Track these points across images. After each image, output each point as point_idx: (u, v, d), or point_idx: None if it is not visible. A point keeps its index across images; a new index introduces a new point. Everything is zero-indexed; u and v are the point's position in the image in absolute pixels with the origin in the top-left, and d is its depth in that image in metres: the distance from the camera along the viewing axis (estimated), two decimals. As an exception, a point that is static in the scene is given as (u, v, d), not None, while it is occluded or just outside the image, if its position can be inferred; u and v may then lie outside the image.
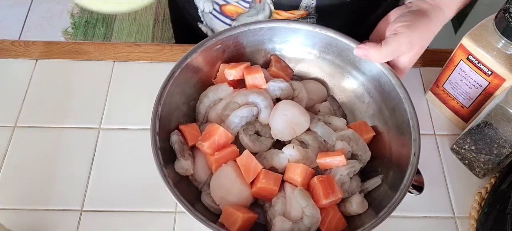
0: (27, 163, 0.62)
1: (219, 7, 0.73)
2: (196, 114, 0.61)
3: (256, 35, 0.62)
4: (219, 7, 0.74)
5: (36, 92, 0.68)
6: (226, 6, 0.73)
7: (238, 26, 0.60)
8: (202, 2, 0.75)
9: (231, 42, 0.61)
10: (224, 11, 0.74)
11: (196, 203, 0.54)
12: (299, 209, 0.53)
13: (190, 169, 0.55)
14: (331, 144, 0.58)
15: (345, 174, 0.55)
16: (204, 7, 0.76)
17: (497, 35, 0.55)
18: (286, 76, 0.63)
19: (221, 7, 0.73)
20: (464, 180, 0.62)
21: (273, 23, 0.61)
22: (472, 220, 0.59)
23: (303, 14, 0.70)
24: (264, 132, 0.60)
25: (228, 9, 0.73)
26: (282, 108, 0.58)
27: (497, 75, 0.57)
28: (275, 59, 0.64)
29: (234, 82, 0.61)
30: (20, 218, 0.58)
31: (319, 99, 0.65)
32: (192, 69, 0.59)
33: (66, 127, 0.65)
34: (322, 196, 0.52)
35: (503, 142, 0.56)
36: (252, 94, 0.59)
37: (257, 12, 0.72)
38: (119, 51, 0.73)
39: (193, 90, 0.61)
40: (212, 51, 0.60)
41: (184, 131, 0.57)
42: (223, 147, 0.55)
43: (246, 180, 0.54)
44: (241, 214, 0.51)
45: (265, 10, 0.71)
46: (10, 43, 0.73)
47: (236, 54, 0.62)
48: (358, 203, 0.54)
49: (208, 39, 0.59)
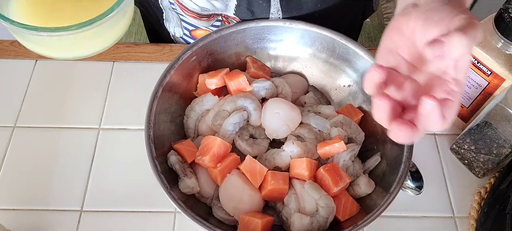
0: (26, 163, 0.62)
1: (189, 32, 0.74)
2: (186, 130, 0.61)
3: (228, 40, 0.62)
4: (189, 32, 0.74)
5: (36, 92, 0.68)
6: (196, 31, 0.73)
7: (209, 35, 0.61)
8: (173, 28, 0.76)
9: (206, 51, 0.61)
10: (194, 36, 0.75)
11: (210, 218, 0.54)
12: (312, 202, 0.53)
13: (196, 186, 0.55)
14: (327, 133, 0.58)
15: (348, 159, 0.56)
16: (175, 32, 0.76)
17: (497, 35, 0.55)
18: (266, 75, 0.63)
19: (191, 32, 0.74)
20: (463, 180, 0.63)
21: (244, 25, 0.62)
22: (472, 220, 0.59)
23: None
24: (259, 133, 0.60)
25: (198, 34, 0.73)
26: (271, 108, 0.58)
27: (497, 75, 0.57)
28: (251, 60, 0.64)
29: (216, 90, 0.61)
30: (20, 218, 0.58)
31: (302, 92, 0.66)
32: (172, 86, 0.58)
33: (65, 127, 0.65)
34: (332, 184, 0.53)
35: (503, 141, 0.56)
36: (239, 99, 0.59)
37: None
38: (119, 51, 0.73)
39: (177, 106, 0.60)
40: (188, 64, 0.60)
41: (180, 150, 0.57)
42: (223, 157, 0.55)
43: (254, 185, 0.54)
44: (260, 220, 0.51)
45: None
46: (10, 43, 0.73)
47: (212, 63, 0.63)
48: (365, 184, 0.55)
49: (182, 52, 0.59)
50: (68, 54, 0.57)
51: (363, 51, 0.59)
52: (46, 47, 0.54)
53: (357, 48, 0.60)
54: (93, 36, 0.52)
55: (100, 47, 0.56)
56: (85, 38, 0.51)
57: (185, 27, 0.74)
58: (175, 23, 0.75)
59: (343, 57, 0.62)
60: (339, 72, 0.64)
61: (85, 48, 0.55)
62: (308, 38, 0.62)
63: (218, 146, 0.54)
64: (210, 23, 0.70)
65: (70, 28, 0.48)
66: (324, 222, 0.52)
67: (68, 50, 0.55)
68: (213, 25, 0.71)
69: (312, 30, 0.61)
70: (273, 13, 0.64)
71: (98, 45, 0.55)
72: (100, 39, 0.54)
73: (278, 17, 0.65)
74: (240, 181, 0.54)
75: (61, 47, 0.54)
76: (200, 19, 0.69)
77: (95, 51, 0.56)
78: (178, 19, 0.73)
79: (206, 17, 0.69)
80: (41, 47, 0.54)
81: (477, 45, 0.57)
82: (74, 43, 0.53)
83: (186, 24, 0.73)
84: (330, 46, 0.62)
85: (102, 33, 0.53)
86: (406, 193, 0.60)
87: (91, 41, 0.54)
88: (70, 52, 0.56)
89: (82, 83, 0.69)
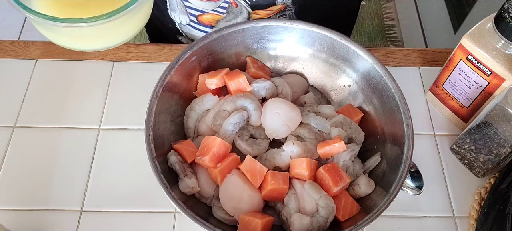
0: (26, 163, 0.62)
1: (195, 17, 0.73)
2: (186, 130, 0.61)
3: (228, 40, 0.62)
4: (196, 18, 0.74)
5: (36, 92, 0.68)
6: (202, 16, 0.73)
7: (209, 35, 0.60)
8: (178, 16, 0.75)
9: (206, 51, 0.61)
10: (201, 21, 0.74)
11: (210, 218, 0.54)
12: (312, 202, 0.53)
13: (196, 186, 0.55)
14: (327, 133, 0.58)
15: (348, 159, 0.56)
16: (181, 20, 0.76)
17: (497, 35, 0.55)
18: (266, 75, 0.64)
19: (198, 17, 0.73)
20: (463, 180, 0.63)
21: (244, 25, 0.62)
22: (472, 220, 0.59)
23: (281, 7, 0.70)
24: (259, 133, 0.60)
25: (206, 18, 0.73)
26: (272, 108, 0.58)
27: (497, 75, 0.57)
28: (251, 60, 0.64)
29: (216, 90, 0.61)
30: (20, 218, 0.58)
31: (302, 92, 0.65)
32: (172, 86, 0.58)
33: (65, 127, 0.65)
34: (332, 184, 0.53)
35: (503, 141, 0.56)
36: (239, 99, 0.59)
37: (235, 16, 0.72)
38: (119, 51, 0.73)
39: (177, 106, 0.60)
40: (188, 64, 0.60)
41: (180, 150, 0.56)
42: (223, 157, 0.55)
43: (254, 185, 0.54)
44: (260, 220, 0.51)
45: (243, 13, 0.71)
46: (9, 43, 0.73)
47: (212, 63, 0.63)
48: (365, 184, 0.55)
49: (182, 52, 0.59)
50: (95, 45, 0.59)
51: (363, 51, 0.59)
52: (75, 40, 0.57)
53: (357, 48, 0.60)
54: (119, 25, 0.55)
55: (126, 36, 0.59)
56: (112, 27, 0.54)
57: (191, 13, 0.73)
58: (180, 11, 0.74)
59: (343, 57, 0.62)
60: (339, 72, 0.64)
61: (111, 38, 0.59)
62: (308, 38, 0.62)
63: (218, 146, 0.54)
64: (217, 4, 0.69)
65: (100, 18, 0.51)
66: (324, 222, 0.52)
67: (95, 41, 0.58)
68: (221, 6, 0.70)
69: (312, 30, 0.61)
70: None
71: (124, 34, 0.58)
72: (125, 28, 0.57)
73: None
74: (239, 181, 0.54)
75: (90, 38, 0.57)
76: (208, 0, 0.68)
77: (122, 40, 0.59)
78: (183, 6, 0.72)
79: None
80: (70, 39, 0.56)
81: (477, 45, 0.57)
82: (102, 33, 0.55)
83: (192, 9, 0.72)
84: (330, 46, 0.62)
85: (127, 21, 0.55)
86: (406, 193, 0.60)
87: (117, 30, 0.56)
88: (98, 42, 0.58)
89: (82, 83, 0.69)
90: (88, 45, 0.59)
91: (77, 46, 0.58)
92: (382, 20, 1.91)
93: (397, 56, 0.74)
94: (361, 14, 1.93)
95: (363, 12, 1.93)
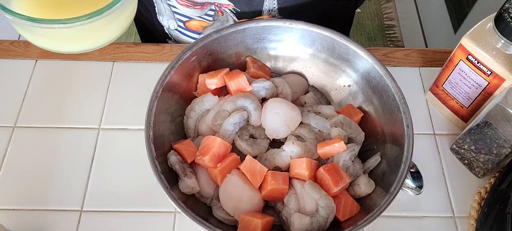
0: (26, 163, 0.62)
1: (183, 23, 0.74)
2: (186, 130, 0.61)
3: (228, 40, 0.62)
4: (183, 24, 0.74)
5: (36, 92, 0.68)
6: (190, 22, 0.73)
7: (209, 35, 0.60)
8: (166, 20, 0.75)
9: (206, 51, 0.61)
10: (189, 27, 0.74)
11: (210, 218, 0.54)
12: (312, 202, 0.53)
13: (196, 186, 0.55)
14: (327, 133, 0.58)
15: (348, 159, 0.56)
16: (169, 25, 0.76)
17: (497, 35, 0.55)
18: (266, 75, 0.64)
19: (185, 23, 0.74)
20: (463, 180, 0.63)
21: (244, 25, 0.62)
22: (472, 220, 0.59)
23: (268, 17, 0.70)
24: (259, 134, 0.60)
25: (193, 25, 0.73)
26: (272, 108, 0.58)
27: (497, 75, 0.57)
28: (251, 60, 0.64)
29: (216, 90, 0.61)
30: (20, 218, 0.58)
31: (302, 91, 0.65)
32: (172, 86, 0.58)
33: (65, 127, 0.65)
34: (332, 184, 0.53)
35: (503, 141, 0.56)
36: (239, 99, 0.59)
37: (221, 24, 0.72)
38: (119, 51, 0.73)
39: (177, 106, 0.60)
40: (188, 64, 0.60)
41: (180, 149, 0.56)
42: (223, 157, 0.55)
43: (254, 185, 0.54)
44: (260, 220, 0.51)
45: (229, 21, 0.71)
46: (10, 43, 0.73)
47: (212, 63, 0.63)
48: (365, 184, 0.55)
49: (182, 52, 0.59)
50: (77, 48, 0.56)
51: (363, 51, 0.59)
52: (55, 41, 0.54)
53: (357, 48, 0.60)
54: (101, 26, 0.52)
55: (108, 38, 0.55)
56: (94, 28, 0.51)
57: (179, 19, 0.73)
58: (168, 15, 0.74)
59: (343, 57, 0.62)
60: (339, 72, 0.64)
61: (93, 40, 0.54)
62: (308, 38, 0.62)
63: (218, 146, 0.54)
64: (203, 12, 0.69)
65: (80, 18, 0.48)
66: (324, 222, 0.52)
67: (77, 43, 0.55)
68: (207, 14, 0.70)
69: (312, 30, 0.61)
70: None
71: (106, 36, 0.55)
72: (108, 30, 0.54)
73: (273, 3, 0.64)
74: (239, 181, 0.54)
75: (70, 40, 0.54)
76: (194, 7, 0.68)
77: (104, 42, 0.56)
78: (170, 11, 0.73)
79: (200, 5, 0.68)
80: (50, 40, 0.54)
81: (477, 45, 0.57)
82: (84, 35, 0.52)
83: (179, 15, 0.72)
84: (330, 46, 0.62)
85: (110, 22, 0.52)
86: (406, 193, 0.60)
87: (100, 32, 0.53)
88: (79, 45, 0.55)
89: (82, 83, 0.69)
90: (68, 47, 0.56)
91: (58, 48, 0.56)
92: (382, 20, 1.91)
93: (397, 56, 0.74)
94: (361, 14, 1.93)
95: (363, 12, 1.93)
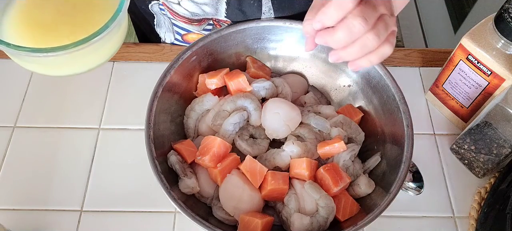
0: (26, 163, 0.62)
1: (181, 36, 0.74)
2: (186, 130, 0.61)
3: (228, 40, 0.62)
4: (181, 37, 0.74)
5: (36, 92, 0.68)
6: (188, 35, 0.73)
7: (209, 35, 0.61)
8: (164, 33, 0.76)
9: (206, 51, 0.61)
10: (187, 40, 0.74)
11: (210, 218, 0.54)
12: (312, 202, 0.53)
13: (196, 186, 0.55)
14: (327, 133, 0.58)
15: (348, 159, 0.56)
16: (166, 38, 0.76)
17: (497, 35, 0.55)
18: (266, 75, 0.63)
19: (183, 36, 0.74)
20: (463, 180, 0.63)
21: (244, 25, 0.62)
22: (472, 220, 0.59)
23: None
24: (259, 134, 0.60)
25: (191, 37, 0.73)
26: (272, 108, 0.58)
27: (497, 75, 0.57)
28: (251, 60, 0.64)
29: (216, 90, 0.61)
30: (20, 218, 0.58)
31: (302, 91, 0.66)
32: (172, 86, 0.58)
33: (65, 127, 0.65)
34: (332, 184, 0.53)
35: (503, 141, 0.56)
36: (239, 99, 0.59)
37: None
38: (119, 51, 0.72)
39: (177, 106, 0.60)
40: (188, 64, 0.60)
41: (180, 149, 0.57)
42: (223, 157, 0.55)
43: (254, 185, 0.54)
44: (260, 220, 0.51)
45: None
46: (9, 43, 0.73)
47: (212, 63, 0.63)
48: (365, 184, 0.55)
49: (182, 52, 0.59)
50: (65, 72, 0.56)
51: None
52: (43, 66, 0.53)
53: None
54: (89, 53, 0.51)
55: (97, 63, 0.55)
56: (82, 55, 0.50)
57: (177, 32, 0.74)
58: (166, 28, 0.74)
59: (343, 57, 0.62)
60: (339, 72, 0.64)
61: (81, 65, 0.54)
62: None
63: (218, 146, 0.54)
64: (201, 27, 0.70)
65: (67, 47, 0.47)
66: (324, 222, 0.53)
67: (65, 68, 0.54)
68: (205, 29, 0.70)
69: None
70: (265, 13, 0.64)
71: (95, 61, 0.55)
72: (96, 55, 0.54)
73: (270, 16, 0.64)
74: (239, 181, 0.54)
75: (58, 66, 0.53)
76: (191, 23, 0.69)
77: (92, 66, 0.55)
78: (169, 23, 0.73)
79: (197, 21, 0.69)
80: (38, 66, 0.53)
81: (477, 45, 0.57)
82: (71, 61, 0.52)
83: (178, 28, 0.73)
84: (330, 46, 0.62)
85: (98, 49, 0.52)
86: (406, 193, 0.60)
87: (88, 57, 0.53)
88: (67, 69, 0.55)
89: (82, 83, 0.69)
90: (56, 72, 0.56)
91: (45, 73, 0.55)
92: (382, 20, 1.90)
93: (397, 56, 0.74)
94: (361, 14, 1.92)
95: (363, 12, 1.92)
